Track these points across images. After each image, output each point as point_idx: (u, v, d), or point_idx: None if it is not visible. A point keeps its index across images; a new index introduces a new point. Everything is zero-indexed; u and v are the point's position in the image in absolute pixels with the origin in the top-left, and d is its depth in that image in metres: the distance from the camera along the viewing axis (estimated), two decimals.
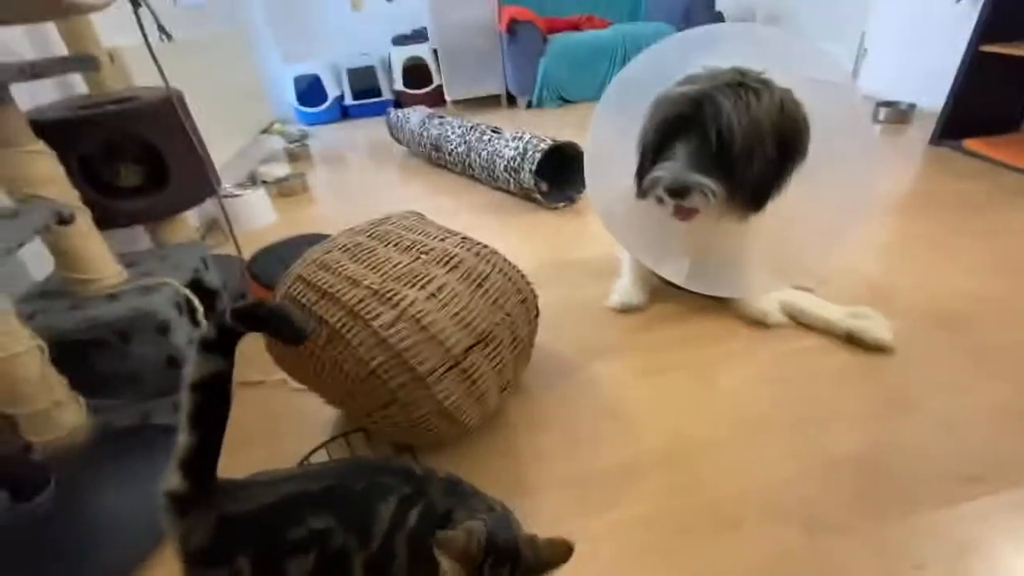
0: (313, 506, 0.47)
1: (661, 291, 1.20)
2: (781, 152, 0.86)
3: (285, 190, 2.04)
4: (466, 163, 1.91)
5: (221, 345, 0.46)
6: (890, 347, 0.95)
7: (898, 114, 2.12)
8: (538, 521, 0.73)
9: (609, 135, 1.06)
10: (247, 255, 1.32)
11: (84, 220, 0.93)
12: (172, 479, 0.46)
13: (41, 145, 0.87)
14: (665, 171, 0.88)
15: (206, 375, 0.45)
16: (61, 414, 0.86)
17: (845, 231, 0.99)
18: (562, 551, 0.43)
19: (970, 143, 1.77)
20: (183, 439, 0.46)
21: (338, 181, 2.20)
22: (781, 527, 0.69)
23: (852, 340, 0.99)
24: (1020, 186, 1.54)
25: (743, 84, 0.83)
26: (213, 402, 0.46)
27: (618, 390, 0.94)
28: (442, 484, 0.51)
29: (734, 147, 0.82)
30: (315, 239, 1.29)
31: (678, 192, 0.87)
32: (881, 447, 0.79)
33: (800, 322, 1.06)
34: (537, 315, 0.87)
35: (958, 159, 1.75)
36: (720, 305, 1.13)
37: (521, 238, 1.51)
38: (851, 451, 0.78)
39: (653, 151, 0.92)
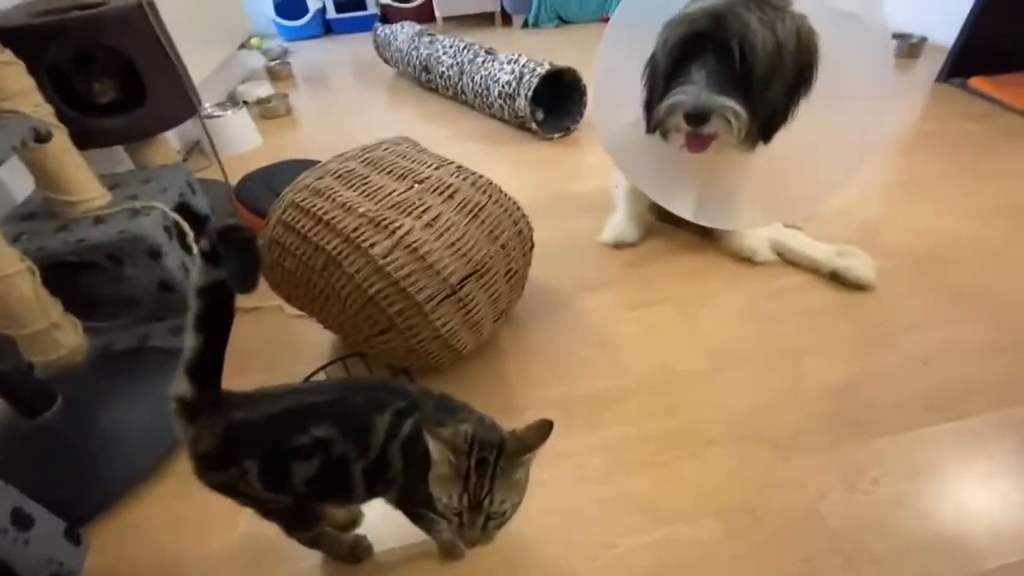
0: (316, 416, 0.50)
1: (654, 227, 1.20)
2: (796, 80, 0.83)
3: (267, 112, 1.95)
4: (458, 87, 1.82)
5: (217, 257, 0.46)
6: (872, 286, 0.97)
7: (908, 47, 2.04)
8: None
9: (620, 60, 0.99)
10: (233, 181, 1.29)
11: (62, 137, 0.89)
12: (180, 384, 0.48)
13: (8, 54, 0.82)
14: (685, 95, 0.82)
15: (209, 282, 0.46)
16: (58, 335, 0.87)
17: (845, 173, 0.97)
18: (543, 430, 0.46)
19: (974, 82, 1.73)
20: (190, 342, 0.47)
21: (322, 103, 2.10)
22: (753, 446, 0.75)
23: (836, 279, 1.00)
24: (1020, 127, 1.52)
25: (766, 2, 0.78)
26: (218, 308, 0.47)
27: (607, 322, 0.97)
28: (434, 400, 0.54)
29: (757, 67, 0.78)
30: (303, 165, 1.25)
31: (699, 117, 0.83)
32: (854, 379, 0.83)
33: (787, 260, 1.07)
34: (532, 247, 0.88)
35: (962, 98, 1.72)
36: (710, 242, 1.15)
37: (515, 169, 1.48)
38: (825, 382, 0.83)
39: (665, 78, 0.87)
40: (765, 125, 0.86)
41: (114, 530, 0.71)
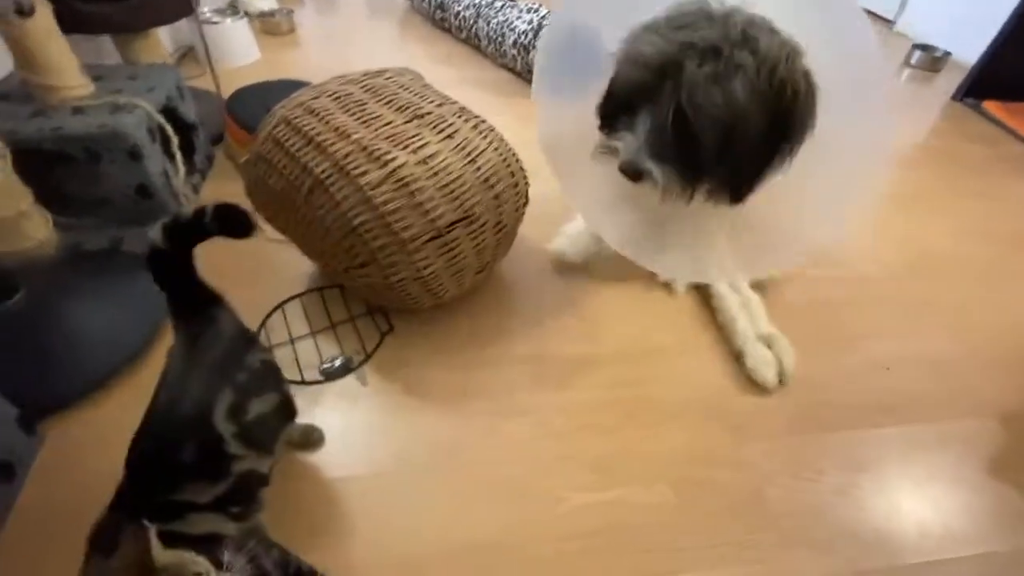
0: None
1: None
2: (773, 132, 0.66)
3: (269, 27, 1.85)
4: (472, 30, 1.75)
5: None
6: (766, 388, 0.82)
7: (930, 60, 2.01)
8: (493, 390, 0.79)
9: (566, 117, 0.81)
10: (225, 94, 1.23)
11: (46, 15, 0.83)
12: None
13: None
14: (622, 143, 0.69)
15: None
16: (27, 225, 0.84)
17: (830, 230, 0.81)
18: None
19: (989, 105, 1.72)
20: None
21: (328, 27, 2.00)
22: (711, 425, 0.77)
23: (738, 360, 0.85)
24: (1022, 156, 1.53)
25: (724, 46, 0.62)
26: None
27: (587, 292, 0.97)
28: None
29: (705, 135, 0.64)
30: (300, 86, 1.20)
31: (632, 173, 0.70)
32: (816, 375, 0.85)
33: (710, 302, 0.93)
34: (526, 203, 0.86)
35: (973, 119, 1.71)
36: None
37: (518, 123, 1.42)
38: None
39: (619, 102, 0.72)
40: (732, 188, 0.72)
41: (70, 428, 0.70)
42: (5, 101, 0.89)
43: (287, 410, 0.59)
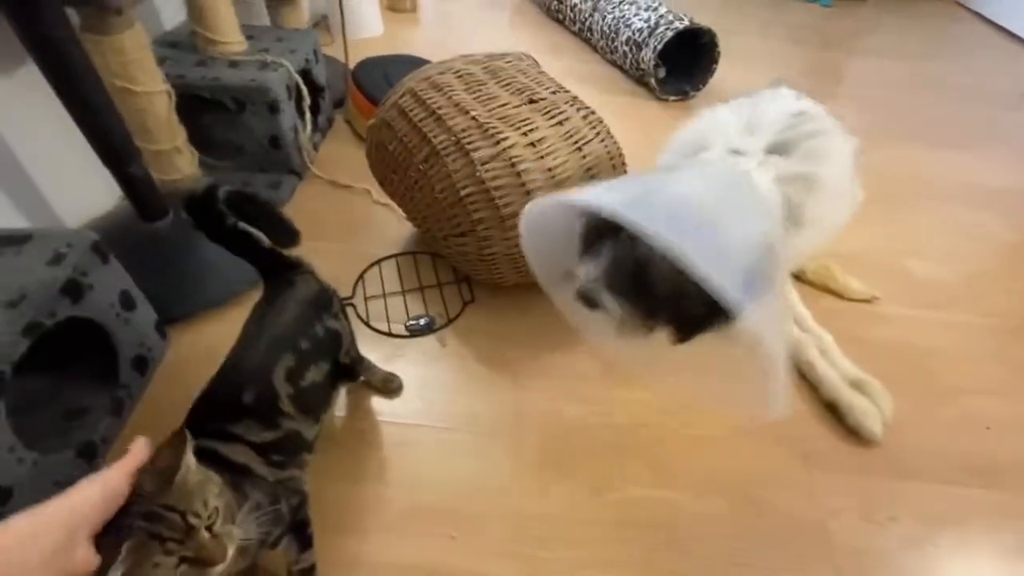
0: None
1: None
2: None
3: (395, 3, 1.95)
4: (587, 24, 1.76)
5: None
6: (874, 440, 0.76)
7: None
8: (561, 374, 0.81)
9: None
10: (351, 63, 1.32)
11: None
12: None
13: None
14: (584, 269, 0.66)
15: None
16: (179, 159, 0.96)
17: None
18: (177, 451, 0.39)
19: None
20: None
21: (446, 9, 2.08)
22: (780, 448, 0.75)
23: (833, 411, 0.79)
24: None
25: None
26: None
27: None
28: None
29: (658, 286, 0.62)
30: (420, 63, 1.27)
31: (588, 301, 0.66)
32: (904, 419, 0.79)
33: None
34: None
35: None
36: None
37: (617, 122, 1.42)
38: None
39: (596, 235, 0.68)
40: (681, 331, 0.67)
41: (193, 337, 0.81)
42: (175, 48, 1.02)
43: (337, 378, 0.62)
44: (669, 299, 0.63)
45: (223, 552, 0.38)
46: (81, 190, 0.93)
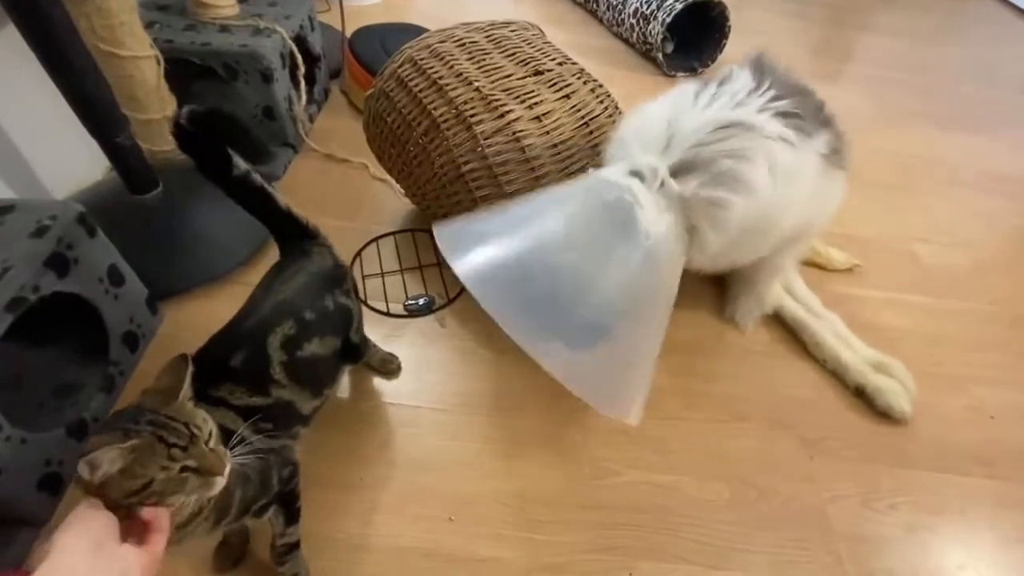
0: None
1: None
2: None
3: None
4: None
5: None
6: (904, 419, 0.76)
7: None
8: None
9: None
10: (348, 31, 1.27)
11: None
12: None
13: None
14: None
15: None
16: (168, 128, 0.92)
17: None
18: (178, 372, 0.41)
19: None
20: None
21: None
22: (781, 434, 0.75)
23: (861, 396, 0.79)
24: None
25: None
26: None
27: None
28: None
29: None
30: (419, 31, 1.22)
31: None
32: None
33: (801, 341, 0.85)
34: None
35: None
36: None
37: (625, 99, 1.39)
38: None
39: None
40: None
41: (185, 313, 0.79)
42: (164, 12, 0.98)
43: (346, 356, 0.60)
44: None
45: (222, 465, 0.39)
46: (68, 160, 0.90)
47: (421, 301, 0.83)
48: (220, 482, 0.39)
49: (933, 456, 0.75)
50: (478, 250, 0.60)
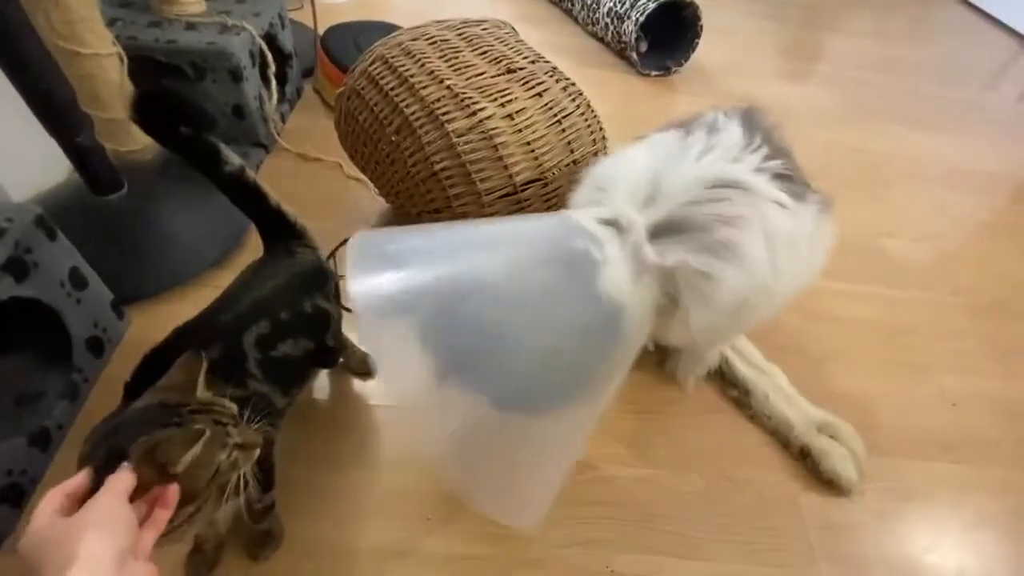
0: None
1: None
2: None
3: None
4: None
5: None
6: (848, 488, 0.69)
7: None
8: None
9: None
10: (321, 29, 1.26)
11: None
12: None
13: None
14: None
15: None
16: (134, 129, 0.89)
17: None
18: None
19: None
20: None
21: None
22: (754, 426, 0.76)
23: (805, 459, 0.72)
24: None
25: None
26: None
27: None
28: None
29: None
30: (392, 29, 1.21)
31: None
32: (877, 397, 0.82)
33: (736, 401, 0.77)
34: None
35: None
36: None
37: (596, 97, 1.40)
38: (845, 389, 0.82)
39: None
40: None
41: (154, 317, 0.77)
42: (127, 8, 0.95)
43: (320, 359, 0.59)
44: None
45: (260, 437, 0.41)
46: (28, 162, 0.87)
47: None
48: (256, 455, 0.41)
49: (900, 443, 0.77)
50: (388, 275, 0.49)
